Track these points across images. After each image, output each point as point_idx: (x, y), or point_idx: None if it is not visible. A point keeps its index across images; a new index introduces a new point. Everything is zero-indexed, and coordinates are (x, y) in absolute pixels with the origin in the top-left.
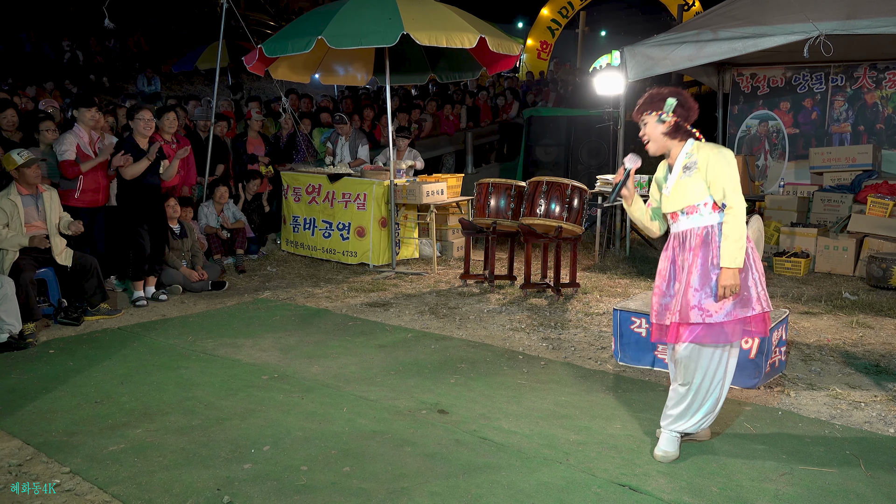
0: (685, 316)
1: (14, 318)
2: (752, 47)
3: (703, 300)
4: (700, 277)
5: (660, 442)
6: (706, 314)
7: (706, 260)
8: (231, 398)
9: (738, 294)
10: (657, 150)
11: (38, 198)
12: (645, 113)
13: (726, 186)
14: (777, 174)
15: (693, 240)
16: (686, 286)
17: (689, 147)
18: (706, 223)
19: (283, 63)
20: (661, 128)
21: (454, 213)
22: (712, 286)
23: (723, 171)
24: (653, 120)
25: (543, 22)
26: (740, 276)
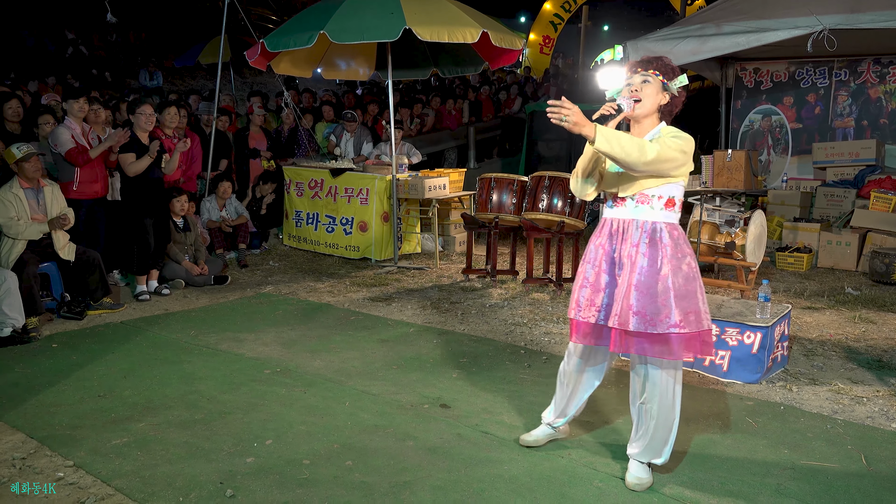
0: (624, 321)
1: (17, 312)
2: (756, 42)
3: (647, 307)
4: (646, 279)
5: (632, 468)
6: (649, 323)
7: (654, 261)
8: (234, 392)
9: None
10: (642, 114)
11: (39, 192)
12: (652, 71)
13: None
14: (780, 169)
15: (637, 234)
16: (629, 288)
17: (658, 129)
18: (655, 219)
19: (286, 58)
20: (661, 97)
21: (456, 207)
22: (658, 290)
23: (674, 140)
24: (658, 84)
25: (546, 16)
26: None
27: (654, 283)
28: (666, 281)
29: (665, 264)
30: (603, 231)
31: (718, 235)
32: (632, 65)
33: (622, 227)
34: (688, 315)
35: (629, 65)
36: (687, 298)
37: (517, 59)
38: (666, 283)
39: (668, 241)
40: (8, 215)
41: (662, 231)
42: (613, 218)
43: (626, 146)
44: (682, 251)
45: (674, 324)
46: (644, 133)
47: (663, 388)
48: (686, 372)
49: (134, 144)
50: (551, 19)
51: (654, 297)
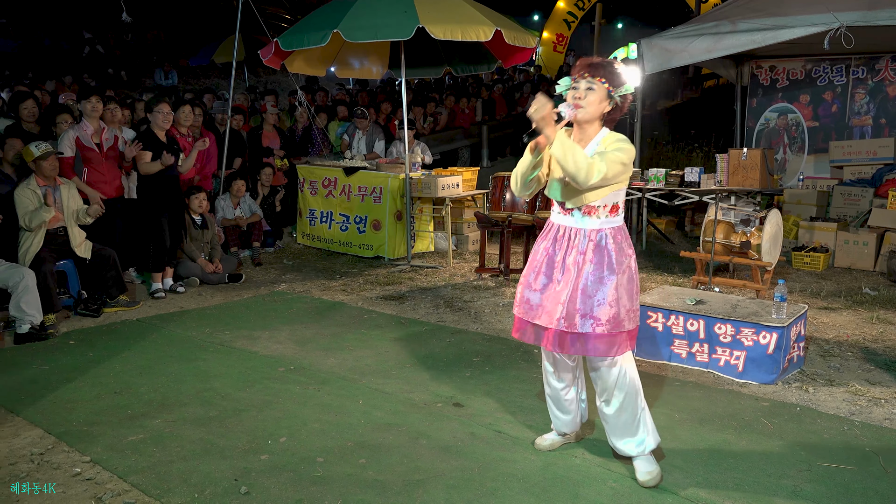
0: (571, 324)
1: (35, 309)
2: (772, 39)
3: (593, 308)
4: (592, 284)
5: (637, 466)
6: (597, 323)
7: (600, 266)
8: (248, 390)
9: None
10: (584, 119)
11: (56, 189)
12: (598, 78)
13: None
14: (796, 168)
15: (584, 242)
16: (574, 291)
17: (603, 134)
18: (601, 227)
19: (299, 56)
20: (605, 104)
21: (469, 206)
22: (605, 293)
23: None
24: (603, 91)
25: (559, 14)
26: (630, 288)
27: (599, 286)
28: (611, 284)
29: (610, 269)
30: (549, 235)
31: (733, 235)
32: (580, 67)
33: (569, 234)
34: (629, 313)
35: (577, 66)
36: (626, 299)
37: (530, 58)
38: (610, 287)
39: (612, 246)
40: (28, 209)
41: (607, 237)
42: (561, 224)
43: (579, 162)
44: (625, 254)
45: (615, 323)
46: (587, 138)
47: (620, 380)
48: (700, 373)
49: (150, 142)
50: (565, 17)
51: (600, 301)
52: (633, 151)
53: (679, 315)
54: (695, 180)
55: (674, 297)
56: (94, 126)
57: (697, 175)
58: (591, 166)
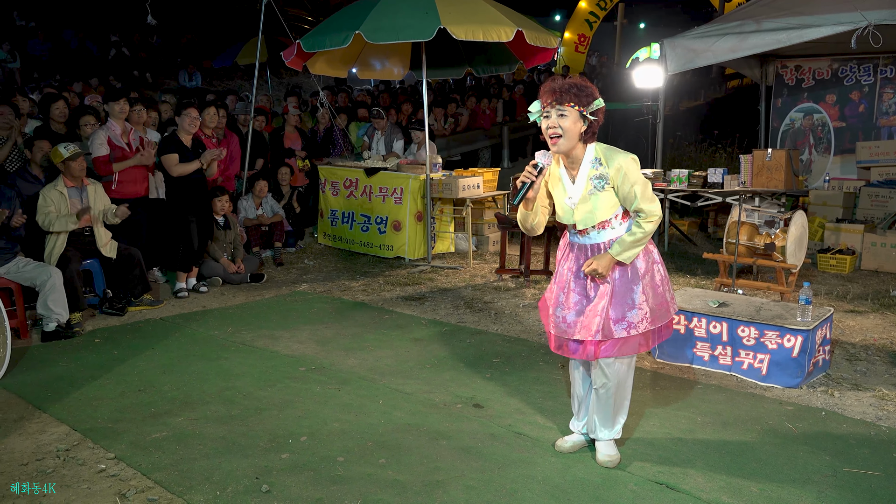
0: (608, 332)
1: (62, 307)
2: (798, 38)
3: (627, 313)
4: (621, 290)
5: (599, 448)
6: (632, 327)
7: (625, 274)
8: (269, 389)
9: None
10: (566, 149)
11: (83, 190)
12: (567, 104)
13: (641, 196)
14: (822, 169)
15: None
16: (608, 303)
17: (591, 152)
18: (617, 235)
19: (321, 58)
20: (580, 125)
21: (490, 207)
22: (634, 298)
23: (635, 179)
24: (574, 114)
25: (581, 15)
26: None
27: (629, 293)
28: (638, 290)
29: (635, 274)
30: (569, 256)
31: (758, 236)
32: (546, 95)
33: (588, 252)
34: (655, 311)
35: (544, 93)
36: (655, 298)
37: (552, 58)
38: (639, 291)
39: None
40: (46, 210)
41: None
42: (579, 243)
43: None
44: (643, 258)
45: (650, 321)
46: (577, 161)
47: (623, 374)
48: (723, 375)
49: (176, 146)
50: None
51: (631, 305)
52: (636, 163)
53: (702, 317)
54: (718, 181)
55: (696, 299)
56: (121, 127)
57: (721, 176)
58: (647, 228)
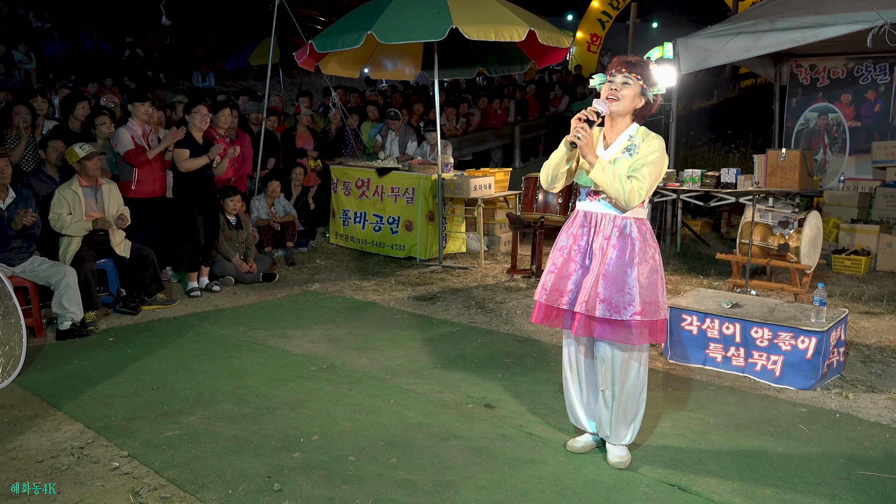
0: (591, 308)
1: (76, 306)
2: (812, 37)
3: (613, 295)
4: (614, 270)
5: (610, 449)
6: (614, 310)
7: (623, 253)
8: (281, 388)
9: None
10: (617, 114)
11: (98, 190)
12: (634, 75)
13: (646, 172)
14: (837, 169)
15: (610, 227)
16: (597, 277)
17: (634, 129)
18: (626, 215)
19: (333, 58)
20: (638, 101)
21: (501, 207)
22: (626, 280)
23: (654, 160)
24: (637, 87)
25: (593, 14)
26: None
27: (621, 273)
28: (633, 273)
29: (633, 257)
30: (575, 221)
31: (771, 237)
32: (616, 63)
33: (595, 220)
34: (648, 305)
35: (614, 63)
36: (649, 289)
37: (564, 58)
38: (632, 275)
39: (636, 235)
40: (58, 210)
41: (632, 226)
42: (587, 210)
43: (619, 185)
44: (649, 245)
45: (636, 311)
46: (618, 131)
47: (627, 372)
48: (736, 377)
49: (188, 142)
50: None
51: (620, 287)
52: (665, 156)
53: (714, 318)
54: (731, 181)
55: (709, 299)
56: (141, 128)
57: (734, 176)
58: (632, 192)
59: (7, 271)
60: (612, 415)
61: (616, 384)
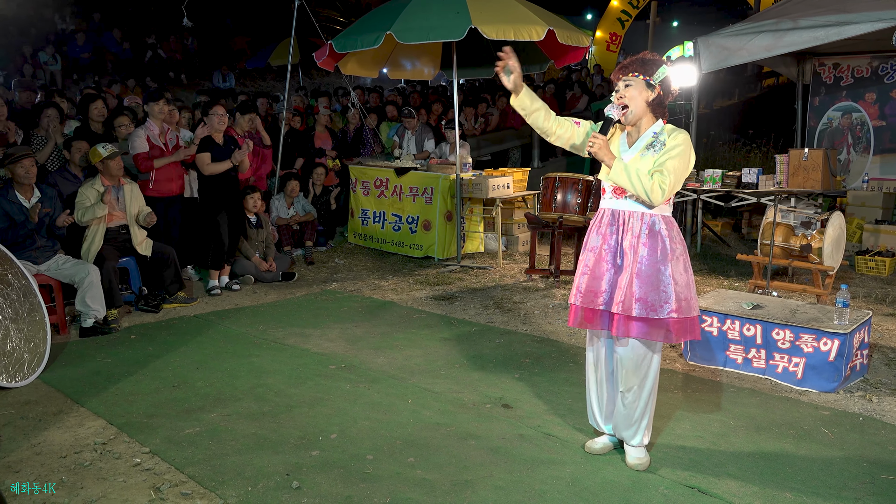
0: (628, 308)
1: (99, 304)
2: (836, 36)
3: (649, 294)
4: (647, 269)
5: (628, 451)
6: (650, 309)
7: (654, 251)
8: (300, 386)
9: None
10: (635, 118)
11: (120, 189)
12: (632, 74)
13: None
14: (861, 169)
15: (637, 225)
16: (632, 276)
17: (659, 127)
18: (653, 212)
19: (352, 58)
20: (647, 94)
21: (520, 207)
22: (660, 278)
23: (679, 154)
24: (641, 84)
25: (613, 13)
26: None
27: (655, 272)
28: (666, 270)
29: (665, 255)
30: (603, 221)
31: (793, 237)
32: (614, 74)
33: (623, 218)
34: (683, 302)
35: (612, 75)
36: (683, 287)
37: (583, 57)
38: (666, 273)
39: (665, 233)
40: (84, 205)
41: (660, 223)
42: (614, 209)
43: (640, 182)
44: (677, 243)
45: (672, 309)
46: (641, 130)
47: (644, 371)
48: (757, 379)
49: (208, 144)
50: (618, 16)
51: (655, 286)
52: (692, 151)
53: (735, 319)
54: (753, 181)
55: (729, 300)
56: (158, 127)
57: (755, 176)
58: (654, 186)
59: (32, 269)
60: (632, 415)
61: (636, 384)
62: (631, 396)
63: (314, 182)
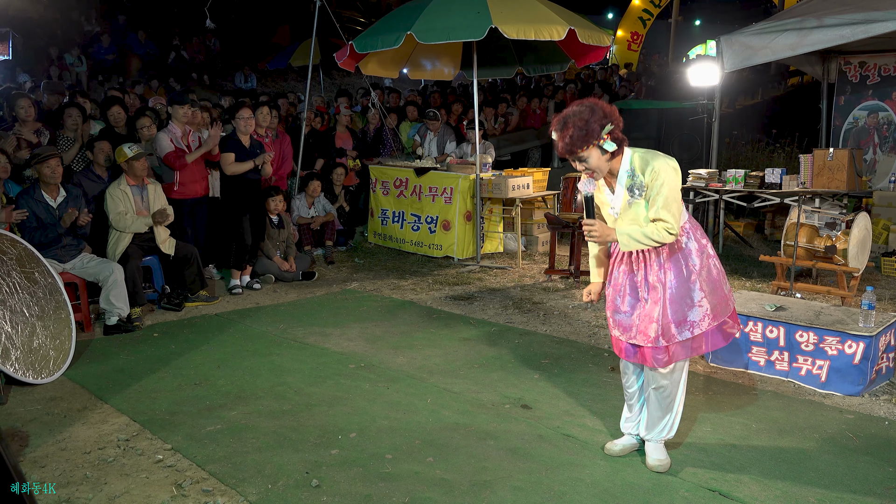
0: (670, 337)
1: (123, 302)
2: (862, 34)
3: (688, 313)
4: (678, 291)
5: (649, 452)
6: (695, 326)
7: (679, 272)
8: (320, 385)
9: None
10: (605, 174)
11: (144, 189)
12: (581, 150)
13: (662, 204)
14: (888, 169)
15: (653, 256)
16: (664, 306)
17: (628, 163)
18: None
19: (373, 59)
20: (605, 155)
21: (540, 207)
22: (692, 296)
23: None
24: (595, 153)
25: (634, 12)
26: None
27: (686, 292)
28: (696, 287)
29: (689, 271)
30: (623, 258)
31: (817, 238)
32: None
33: (640, 256)
34: (716, 306)
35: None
36: (712, 293)
37: (604, 57)
38: (696, 289)
39: (685, 243)
40: (117, 210)
41: (680, 242)
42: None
43: (651, 236)
44: (694, 252)
45: (711, 317)
46: (615, 173)
47: (679, 375)
48: (780, 382)
49: (234, 145)
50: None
51: (690, 304)
52: (673, 171)
53: (758, 321)
54: (776, 182)
55: (752, 302)
56: (181, 130)
57: (779, 176)
58: (662, 234)
59: (58, 268)
60: (663, 411)
61: (668, 380)
62: (661, 393)
63: (334, 183)
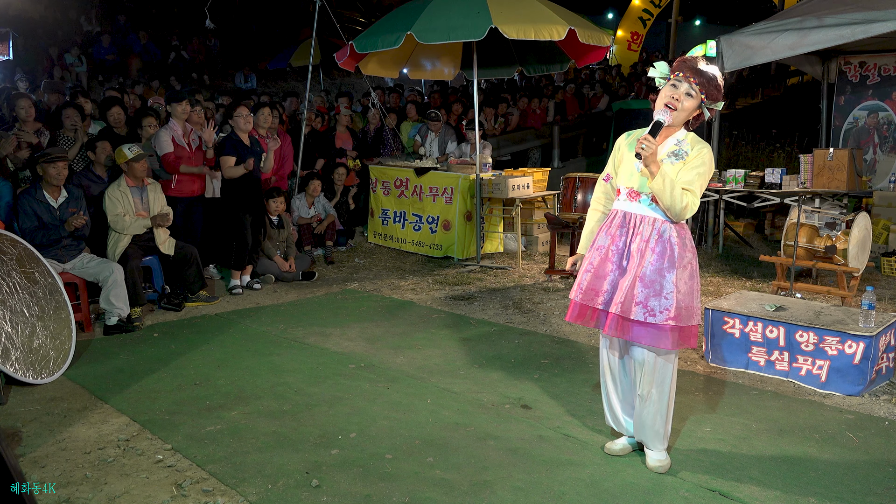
0: (626, 310)
1: (123, 302)
2: (862, 34)
3: (650, 298)
4: (652, 273)
5: (650, 454)
6: (649, 313)
7: (661, 258)
8: (319, 385)
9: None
10: (675, 123)
11: (143, 190)
12: (700, 87)
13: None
14: (888, 169)
15: (649, 230)
16: (634, 279)
17: (682, 134)
18: (665, 218)
19: (373, 59)
20: (695, 112)
21: (540, 207)
22: (664, 284)
23: (700, 164)
24: (698, 100)
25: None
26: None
27: (659, 278)
28: (671, 277)
29: (672, 262)
30: (614, 222)
31: (817, 238)
32: (686, 68)
33: (634, 222)
34: (683, 310)
35: (684, 65)
36: (686, 295)
37: (604, 57)
38: (670, 280)
39: (675, 240)
40: (115, 211)
41: (671, 230)
42: (627, 211)
43: (676, 197)
44: (687, 250)
45: (671, 316)
46: (667, 134)
47: (661, 375)
48: (780, 382)
49: (233, 146)
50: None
51: (658, 291)
52: (713, 162)
53: (758, 321)
54: (776, 182)
55: (752, 302)
56: (182, 127)
57: (779, 176)
58: (686, 207)
59: (58, 268)
60: (653, 424)
61: (655, 387)
62: (651, 407)
63: (335, 183)
